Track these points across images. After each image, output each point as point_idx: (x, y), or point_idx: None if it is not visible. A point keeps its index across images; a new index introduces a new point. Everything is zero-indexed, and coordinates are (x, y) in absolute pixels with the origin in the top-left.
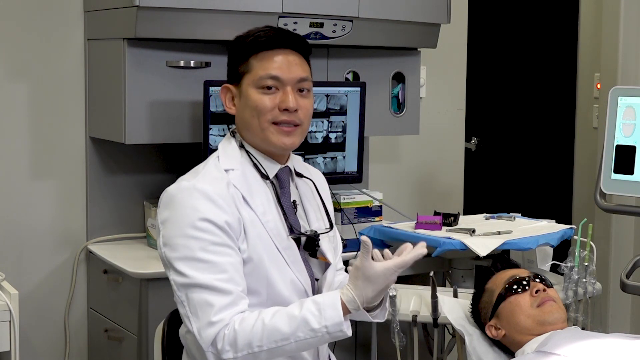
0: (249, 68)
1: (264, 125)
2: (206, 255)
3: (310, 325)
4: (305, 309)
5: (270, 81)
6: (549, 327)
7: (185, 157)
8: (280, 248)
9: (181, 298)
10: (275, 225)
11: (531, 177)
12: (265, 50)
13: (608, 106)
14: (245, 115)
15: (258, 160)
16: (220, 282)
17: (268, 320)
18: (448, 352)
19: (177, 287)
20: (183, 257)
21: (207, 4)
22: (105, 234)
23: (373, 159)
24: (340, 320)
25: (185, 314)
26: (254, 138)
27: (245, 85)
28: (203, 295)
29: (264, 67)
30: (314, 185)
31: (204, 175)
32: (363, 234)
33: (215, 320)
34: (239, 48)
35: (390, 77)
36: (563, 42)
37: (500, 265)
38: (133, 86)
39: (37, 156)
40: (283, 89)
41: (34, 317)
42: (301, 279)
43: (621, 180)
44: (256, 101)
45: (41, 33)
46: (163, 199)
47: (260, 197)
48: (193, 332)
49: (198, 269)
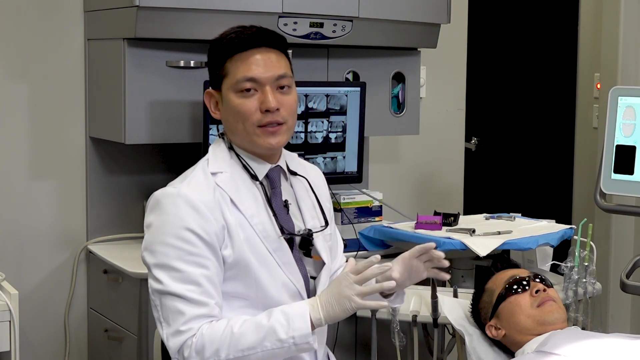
0: (226, 72)
1: (249, 129)
2: (182, 265)
3: (277, 335)
4: (273, 319)
5: (248, 84)
6: (549, 327)
7: (185, 157)
8: (270, 250)
9: (155, 302)
10: (265, 227)
11: (531, 177)
12: (239, 52)
13: (608, 106)
14: (230, 120)
15: (247, 162)
16: (192, 293)
17: (236, 329)
18: (448, 352)
19: (152, 292)
20: (160, 264)
21: (207, 4)
22: (105, 234)
23: (373, 159)
24: (308, 332)
25: (157, 319)
26: (242, 141)
27: (225, 90)
28: (175, 304)
29: (239, 70)
30: (308, 183)
31: (189, 180)
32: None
33: (184, 329)
34: (214, 52)
35: (390, 77)
36: (563, 42)
37: (500, 265)
38: (133, 86)
39: (37, 156)
40: (262, 90)
41: (34, 317)
42: (293, 280)
43: (621, 180)
44: (237, 106)
45: (41, 33)
46: (150, 202)
47: (248, 199)
48: (162, 337)
49: (173, 277)
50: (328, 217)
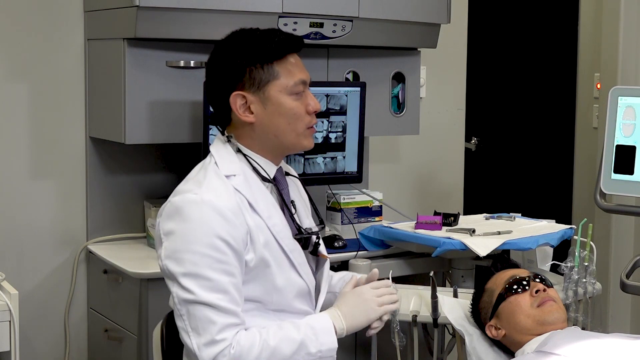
0: (275, 74)
1: (300, 131)
2: (212, 273)
3: (307, 349)
4: (303, 333)
5: (302, 86)
6: (549, 327)
7: (185, 157)
8: (287, 251)
9: (181, 312)
10: (282, 227)
11: (531, 177)
12: (285, 55)
13: (608, 106)
14: (279, 123)
15: (258, 164)
16: (223, 302)
17: (271, 341)
18: (448, 352)
19: (179, 302)
20: (188, 273)
21: (207, 4)
22: (105, 234)
23: (373, 159)
24: (335, 346)
25: (183, 328)
26: (280, 143)
27: (274, 92)
28: (206, 313)
29: (291, 73)
30: (301, 183)
31: (207, 185)
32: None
33: (219, 339)
34: (251, 54)
35: (390, 77)
36: (563, 42)
37: (500, 265)
38: (133, 86)
39: (37, 156)
40: (305, 92)
41: (34, 317)
42: (307, 281)
43: (621, 180)
44: (294, 108)
45: (41, 33)
46: (167, 209)
47: (264, 201)
48: (192, 347)
49: (203, 286)
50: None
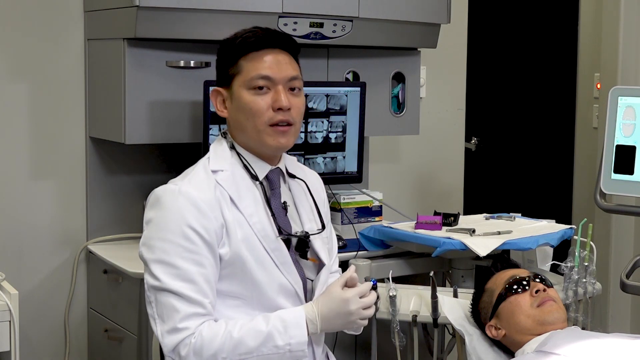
0: (239, 69)
1: (260, 127)
2: (180, 262)
3: (274, 342)
4: (271, 325)
5: (262, 81)
6: (549, 327)
7: (185, 157)
8: (268, 249)
9: (150, 299)
10: (263, 226)
11: (531, 177)
12: (254, 51)
13: (608, 106)
14: (239, 118)
15: (248, 162)
16: (189, 291)
17: (235, 333)
18: (448, 352)
19: (148, 288)
20: (158, 260)
21: (207, 4)
22: (105, 234)
23: (373, 159)
24: (305, 339)
25: (152, 315)
26: (248, 140)
27: (237, 87)
28: (171, 300)
29: (254, 68)
30: (306, 186)
31: (190, 178)
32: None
33: (181, 327)
34: (227, 50)
35: (390, 77)
36: (563, 42)
37: (500, 265)
38: (133, 86)
39: (37, 156)
40: (275, 89)
41: (34, 317)
42: (291, 281)
43: (621, 180)
44: (250, 103)
45: (41, 33)
46: (150, 199)
47: (248, 199)
48: (157, 334)
49: (170, 274)
50: (325, 221)
